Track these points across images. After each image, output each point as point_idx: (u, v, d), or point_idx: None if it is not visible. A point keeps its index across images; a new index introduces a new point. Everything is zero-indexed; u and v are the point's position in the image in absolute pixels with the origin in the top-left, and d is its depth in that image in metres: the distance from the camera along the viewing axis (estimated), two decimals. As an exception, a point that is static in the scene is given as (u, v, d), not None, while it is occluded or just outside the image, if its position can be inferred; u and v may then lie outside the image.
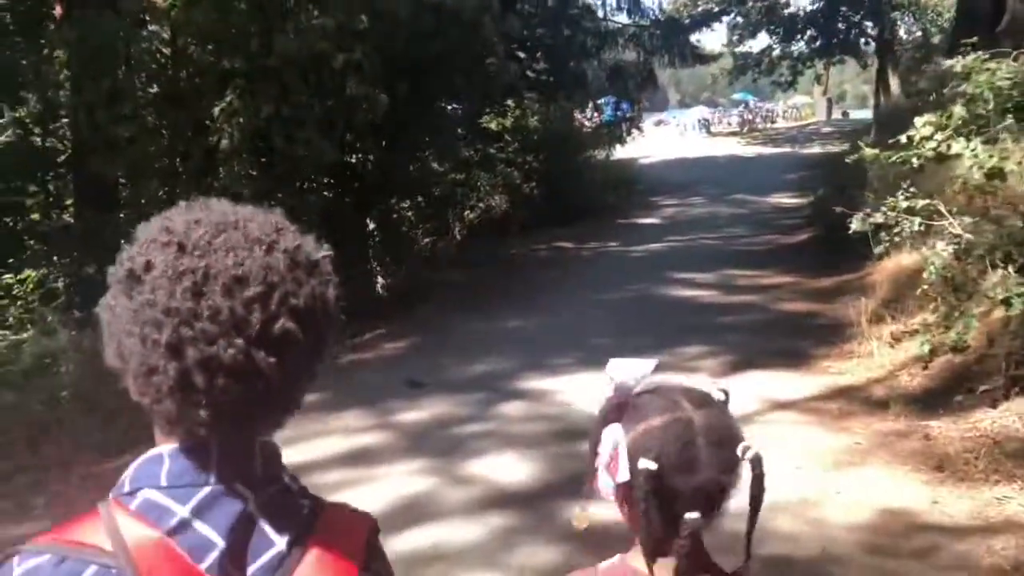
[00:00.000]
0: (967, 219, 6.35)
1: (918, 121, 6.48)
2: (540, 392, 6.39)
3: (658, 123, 44.55)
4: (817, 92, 39.93)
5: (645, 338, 7.70)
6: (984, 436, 4.86)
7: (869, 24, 25.33)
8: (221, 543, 0.89)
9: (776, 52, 28.60)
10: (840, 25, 24.74)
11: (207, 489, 0.90)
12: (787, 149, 28.70)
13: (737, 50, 29.41)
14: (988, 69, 6.47)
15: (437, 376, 7.02)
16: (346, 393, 6.57)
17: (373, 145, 11.02)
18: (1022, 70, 6.42)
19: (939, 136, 6.37)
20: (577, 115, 23.14)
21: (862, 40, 26.94)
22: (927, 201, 6.49)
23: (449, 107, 14.52)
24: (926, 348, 5.81)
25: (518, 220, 16.14)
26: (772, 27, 26.78)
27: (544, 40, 19.58)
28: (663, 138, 34.16)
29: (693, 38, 24.09)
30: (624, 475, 1.17)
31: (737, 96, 48.31)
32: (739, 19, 28.33)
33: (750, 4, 27.14)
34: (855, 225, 6.67)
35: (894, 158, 6.82)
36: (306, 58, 8.48)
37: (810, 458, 4.87)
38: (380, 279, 11.95)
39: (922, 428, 5.14)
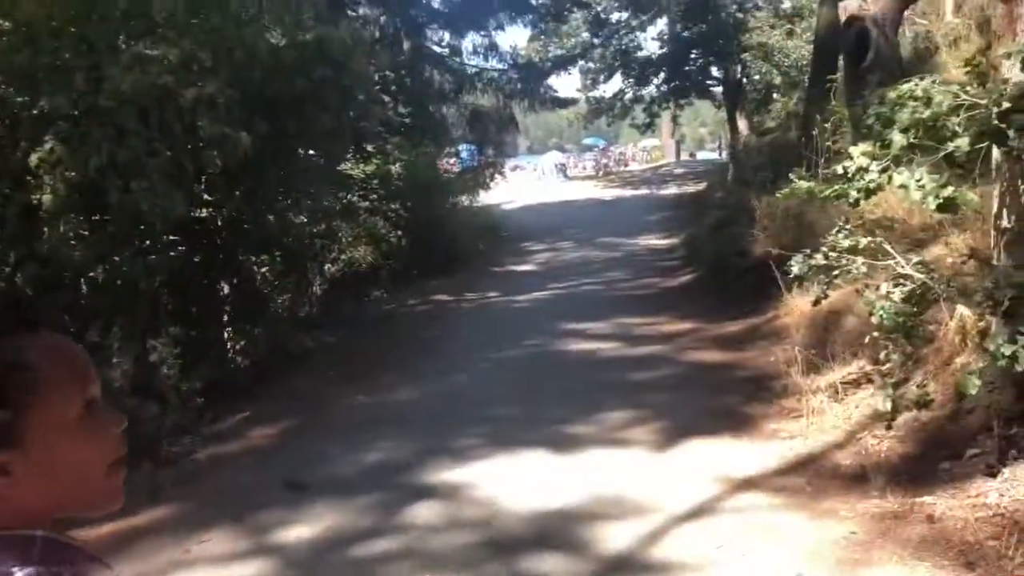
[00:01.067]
0: (913, 257, 5.72)
1: (854, 151, 5.78)
2: (453, 487, 5.21)
3: (515, 168, 44.35)
4: (666, 135, 40.71)
5: (558, 405, 6.71)
6: (999, 515, 4.07)
7: (714, 69, 25.78)
8: None
9: (629, 95, 28.70)
10: (690, 68, 24.96)
11: None
12: (645, 191, 28.76)
13: (591, 94, 29.35)
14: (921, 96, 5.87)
15: (322, 471, 5.72)
16: (207, 503, 5.23)
17: (227, 195, 9.61)
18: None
19: (875, 166, 5.73)
20: (444, 162, 22.30)
21: (709, 83, 27.40)
22: (868, 239, 5.82)
23: (311, 153, 13.27)
24: (888, 404, 5.07)
25: (386, 272, 14.95)
26: (626, 70, 26.80)
27: (403, 82, 18.66)
28: (521, 183, 33.75)
29: (550, 82, 23.76)
30: None
31: (588, 141, 48.87)
32: (591, 64, 28.29)
33: (601, 49, 27.12)
34: (795, 269, 5.92)
35: (828, 192, 6.13)
36: (147, 95, 7.08)
37: (808, 557, 3.95)
38: (238, 348, 10.45)
39: (919, 508, 4.32)
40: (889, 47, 12.37)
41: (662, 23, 27.50)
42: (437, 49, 21.22)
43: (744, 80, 23.26)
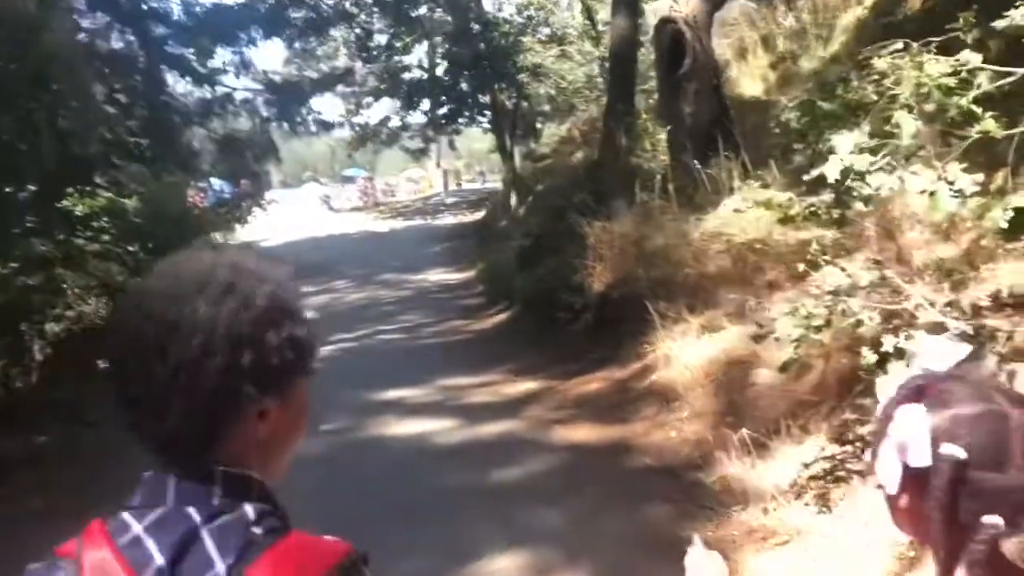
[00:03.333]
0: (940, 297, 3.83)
1: (839, 144, 3.81)
2: None
3: (271, 202, 40.66)
4: (431, 164, 38.86)
5: (409, 544, 4.21)
6: None
7: (482, 95, 24.10)
8: (160, 560, 0.90)
9: (396, 122, 26.43)
10: (464, 91, 23.10)
11: (160, 510, 0.93)
12: (419, 221, 26.61)
13: (355, 119, 26.79)
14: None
15: None
16: None
17: None
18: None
19: (871, 165, 3.80)
20: (192, 193, 18.85)
21: (477, 108, 25.70)
22: (879, 273, 3.89)
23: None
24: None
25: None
26: (392, 93, 24.47)
27: (138, 100, 15.30)
28: (283, 217, 30.44)
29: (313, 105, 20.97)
30: (923, 459, 1.06)
31: (348, 172, 46.01)
32: (355, 88, 25.73)
33: (365, 71, 24.65)
34: (787, 329, 3.85)
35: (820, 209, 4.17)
36: None
37: None
38: None
39: None
40: (705, 52, 10.95)
41: (425, 46, 25.61)
42: (181, 66, 17.90)
43: (520, 104, 21.73)
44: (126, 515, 0.94)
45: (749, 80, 14.03)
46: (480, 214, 25.55)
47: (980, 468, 1.02)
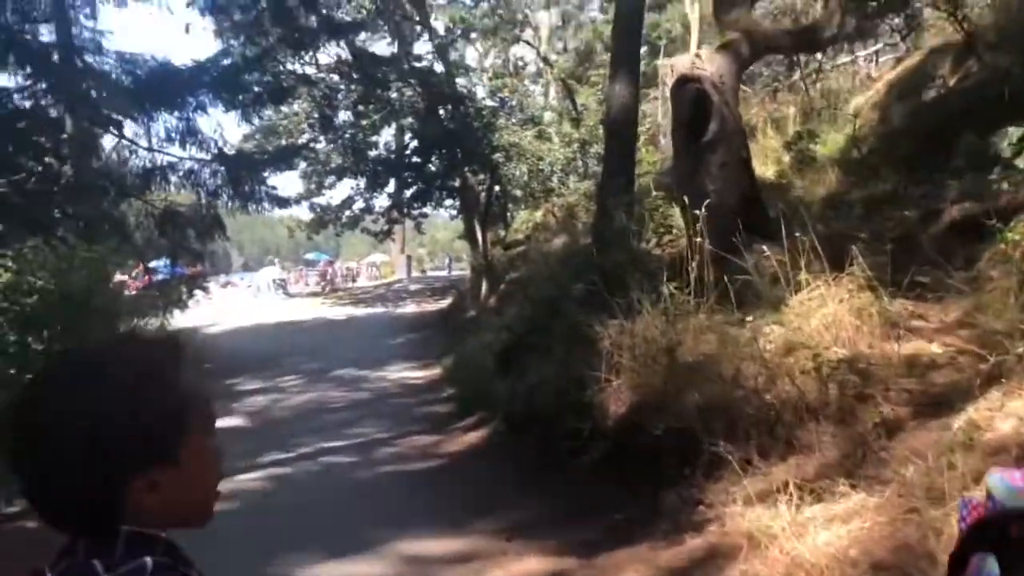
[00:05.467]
0: None
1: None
2: None
3: (226, 284, 37.96)
4: (395, 249, 36.65)
5: None
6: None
7: (449, 177, 22.02)
8: None
9: (359, 204, 24.15)
10: (434, 171, 20.98)
11: (67, 560, 0.99)
12: (380, 309, 24.16)
13: (315, 200, 24.48)
14: None
15: None
16: None
17: None
18: None
19: None
20: (128, 273, 16.27)
21: (445, 192, 23.56)
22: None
23: None
24: None
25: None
26: (356, 172, 22.23)
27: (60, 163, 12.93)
28: (233, 302, 27.81)
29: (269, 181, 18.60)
30: None
31: (310, 256, 43.63)
32: (315, 166, 23.51)
33: (328, 147, 22.48)
34: None
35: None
36: None
37: None
38: None
39: None
40: (734, 118, 8.92)
41: (392, 129, 23.68)
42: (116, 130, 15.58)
43: (493, 188, 19.66)
44: (46, 568, 0.99)
45: (759, 161, 12.01)
46: (446, 302, 23.22)
47: None
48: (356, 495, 6.76)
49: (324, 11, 18.55)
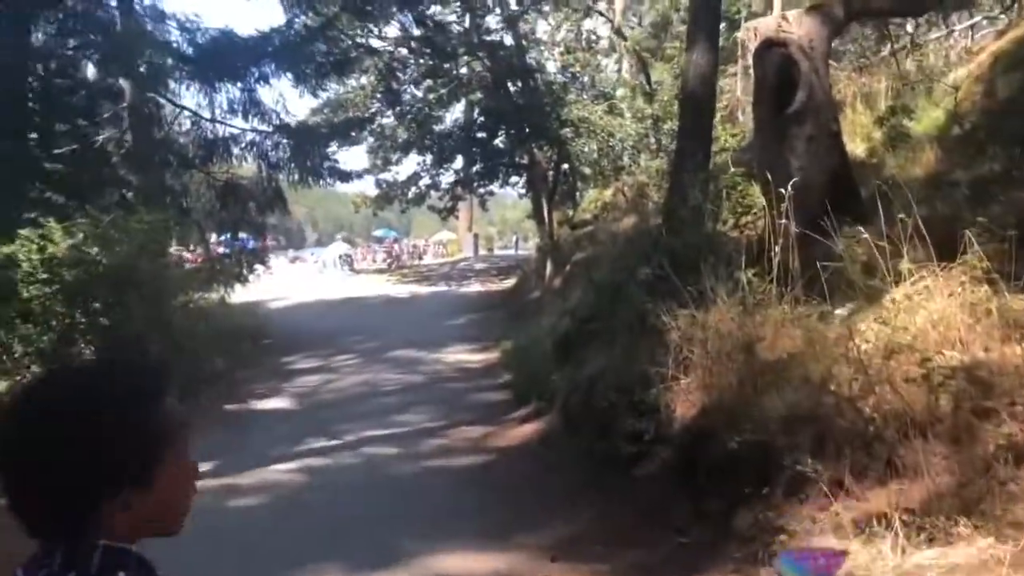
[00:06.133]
0: None
1: None
2: None
3: (294, 260, 38.12)
4: (462, 227, 36.15)
5: None
6: None
7: (517, 153, 21.24)
8: None
9: (425, 179, 23.58)
10: (501, 147, 20.27)
11: (45, 571, 1.00)
12: (443, 288, 23.62)
13: (381, 176, 24.01)
14: None
15: None
16: None
17: None
18: None
19: None
20: (178, 248, 16.00)
21: (512, 169, 22.81)
22: None
23: None
24: None
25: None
26: (422, 148, 21.63)
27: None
28: (300, 276, 27.67)
29: (332, 153, 18.15)
30: None
31: (378, 232, 43.49)
32: (382, 141, 22.99)
33: (395, 122, 21.94)
34: None
35: None
36: None
37: None
38: None
39: None
40: (823, 88, 7.96)
41: (460, 105, 23.03)
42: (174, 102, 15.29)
43: (561, 164, 18.85)
44: (19, 571, 1.02)
45: (847, 138, 10.93)
46: (510, 282, 22.57)
47: None
48: (394, 495, 6.14)
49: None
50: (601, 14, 21.44)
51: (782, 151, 7.60)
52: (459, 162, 22.93)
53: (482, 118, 20.94)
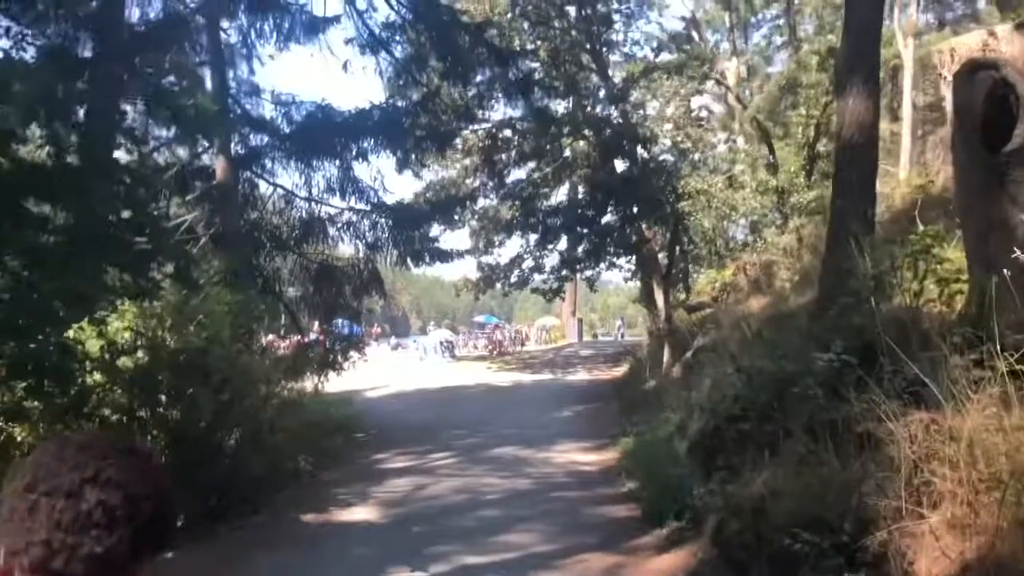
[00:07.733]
0: None
1: None
2: None
3: (396, 347, 37.15)
4: (565, 311, 34.49)
5: None
6: None
7: (627, 228, 19.51)
8: None
9: (528, 262, 22.11)
10: (611, 223, 18.69)
11: None
12: (548, 376, 21.85)
13: (483, 259, 22.72)
14: None
15: None
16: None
17: None
18: None
19: None
20: (273, 335, 14.84)
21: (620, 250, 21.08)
22: None
23: None
24: None
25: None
26: (525, 227, 20.22)
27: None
28: (400, 364, 26.44)
29: (433, 235, 16.92)
30: None
31: (480, 319, 42.31)
32: (483, 223, 21.75)
33: (498, 202, 20.70)
34: None
35: None
36: None
37: None
38: None
39: None
40: (1053, 119, 5.98)
41: (565, 186, 21.73)
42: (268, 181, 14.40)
43: (677, 243, 17.09)
44: None
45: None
46: (620, 370, 20.61)
47: None
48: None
49: (495, 57, 16.79)
50: (718, 80, 19.88)
51: (997, 197, 5.70)
52: (564, 242, 21.44)
53: (589, 195, 19.45)
